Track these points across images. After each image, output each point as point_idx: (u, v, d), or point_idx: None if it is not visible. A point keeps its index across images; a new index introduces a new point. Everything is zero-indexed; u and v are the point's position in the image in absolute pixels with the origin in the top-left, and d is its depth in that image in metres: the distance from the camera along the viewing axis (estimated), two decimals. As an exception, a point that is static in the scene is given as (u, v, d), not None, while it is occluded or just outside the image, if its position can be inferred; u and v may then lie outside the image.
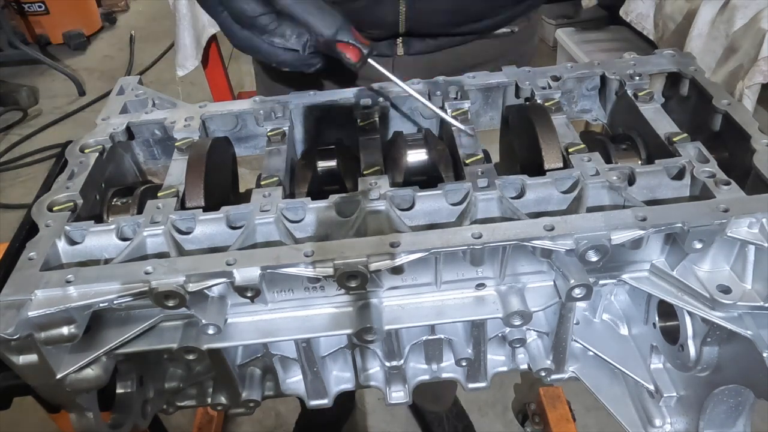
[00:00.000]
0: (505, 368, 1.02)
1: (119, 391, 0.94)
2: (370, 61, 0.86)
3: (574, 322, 0.91)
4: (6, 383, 0.81)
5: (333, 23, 0.85)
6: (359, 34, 0.86)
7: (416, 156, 0.96)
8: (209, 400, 1.01)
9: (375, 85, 1.05)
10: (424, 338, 0.94)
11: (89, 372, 0.80)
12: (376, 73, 0.91)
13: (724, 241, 0.75)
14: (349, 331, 0.82)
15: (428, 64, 1.20)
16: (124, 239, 0.81)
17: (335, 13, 0.86)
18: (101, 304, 0.72)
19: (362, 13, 1.12)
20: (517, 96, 1.05)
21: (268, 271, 0.72)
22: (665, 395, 0.92)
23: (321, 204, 0.82)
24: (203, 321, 0.77)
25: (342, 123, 1.07)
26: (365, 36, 0.89)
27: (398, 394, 1.01)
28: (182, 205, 0.86)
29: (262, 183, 0.88)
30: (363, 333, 0.81)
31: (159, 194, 0.86)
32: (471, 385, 1.01)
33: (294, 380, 1.00)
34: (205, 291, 0.76)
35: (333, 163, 0.97)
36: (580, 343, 0.94)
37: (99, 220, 0.86)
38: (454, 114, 0.98)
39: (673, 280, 0.80)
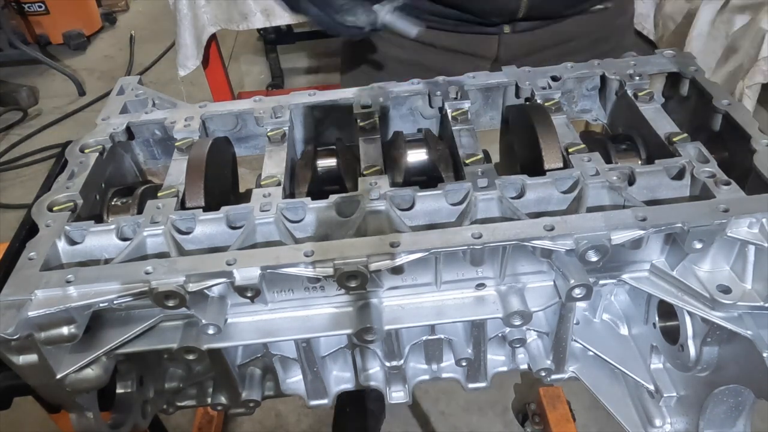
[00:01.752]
0: (505, 368, 1.02)
1: (119, 391, 0.94)
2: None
3: (574, 322, 0.91)
4: (6, 383, 0.81)
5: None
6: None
7: (416, 156, 0.96)
8: (209, 400, 1.01)
9: (375, 85, 1.05)
10: (424, 338, 0.94)
11: (89, 372, 0.80)
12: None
13: (724, 241, 0.75)
14: (349, 331, 0.82)
15: (531, 40, 1.28)
16: (124, 239, 0.81)
17: None
18: (101, 304, 0.72)
19: (483, 2, 1.20)
20: (517, 96, 1.05)
21: (268, 271, 0.72)
22: (665, 395, 0.92)
23: (321, 204, 0.82)
24: (203, 321, 0.77)
25: (342, 123, 1.07)
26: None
27: (398, 394, 1.01)
28: (182, 205, 0.86)
29: (262, 183, 0.88)
30: (363, 333, 0.81)
31: (159, 194, 0.86)
32: (471, 385, 1.01)
33: (294, 380, 1.00)
34: (205, 291, 0.76)
35: (333, 163, 0.97)
36: (580, 343, 0.94)
37: (99, 220, 0.86)
38: (454, 114, 0.98)
39: (673, 280, 0.80)
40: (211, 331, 0.78)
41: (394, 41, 1.30)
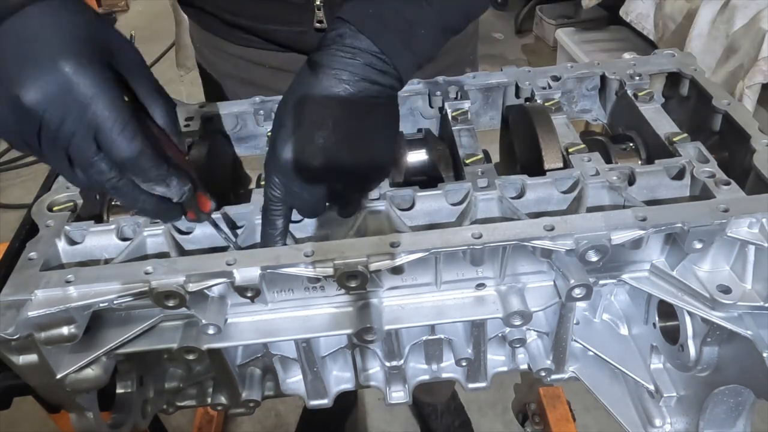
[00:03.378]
0: (505, 368, 1.02)
1: (119, 391, 0.94)
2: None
3: (574, 322, 0.91)
4: (6, 383, 0.81)
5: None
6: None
7: (416, 156, 0.96)
8: (209, 400, 1.01)
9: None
10: (424, 338, 0.93)
11: (89, 372, 0.80)
12: None
13: (724, 241, 0.75)
14: (349, 331, 0.82)
15: None
16: (124, 239, 0.81)
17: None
18: (101, 304, 0.72)
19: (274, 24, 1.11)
20: (517, 96, 1.05)
21: (268, 271, 0.72)
22: (665, 395, 0.92)
23: (321, 204, 0.82)
24: (203, 321, 0.77)
25: (342, 123, 1.07)
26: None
27: (398, 394, 1.01)
28: (182, 205, 0.86)
29: (262, 183, 0.87)
30: (363, 333, 0.81)
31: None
32: (471, 385, 1.01)
33: (294, 380, 1.00)
34: (205, 291, 0.76)
35: (333, 163, 0.97)
36: (580, 343, 0.94)
37: (99, 220, 0.86)
38: (454, 114, 0.98)
39: (673, 280, 0.80)
40: (211, 331, 0.78)
41: (228, 59, 1.24)
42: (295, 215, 0.80)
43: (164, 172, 0.69)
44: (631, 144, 0.95)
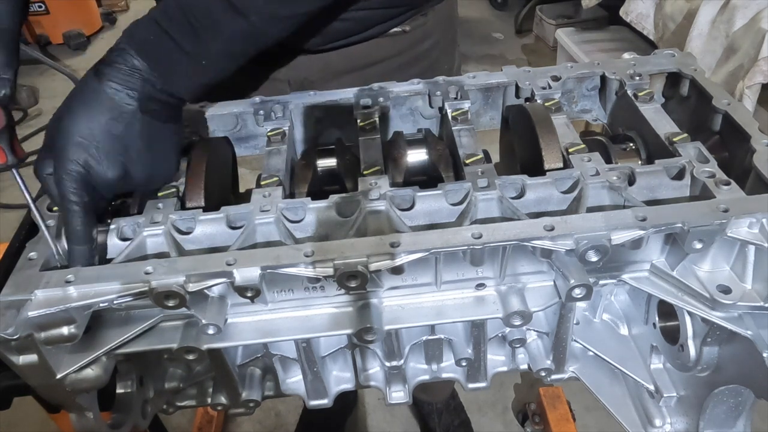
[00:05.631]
0: (505, 368, 1.02)
1: (119, 391, 0.94)
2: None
3: (574, 322, 0.91)
4: (6, 383, 0.81)
5: None
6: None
7: (416, 156, 0.96)
8: (209, 400, 1.01)
9: (375, 86, 1.05)
10: (424, 338, 0.93)
11: (89, 372, 0.80)
12: None
13: (724, 241, 0.75)
14: (349, 331, 0.82)
15: (323, 66, 1.19)
16: (124, 239, 0.81)
17: None
18: (101, 304, 0.72)
19: None
20: (517, 96, 1.05)
21: (268, 271, 0.72)
22: (665, 395, 0.92)
23: (321, 204, 0.82)
24: (203, 321, 0.77)
25: (342, 123, 1.07)
26: None
27: (398, 394, 1.01)
28: (182, 205, 0.86)
29: (262, 183, 0.88)
30: (363, 333, 0.81)
31: (159, 194, 0.86)
32: (471, 385, 1.01)
33: (294, 380, 1.00)
34: (205, 291, 0.76)
35: (333, 163, 0.97)
36: (580, 343, 0.94)
37: (99, 220, 0.86)
38: (454, 114, 0.98)
39: (673, 280, 0.80)
40: (211, 331, 0.78)
41: None
42: (295, 215, 0.81)
43: None
44: (631, 144, 0.95)
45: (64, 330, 0.73)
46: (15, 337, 0.69)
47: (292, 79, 1.21)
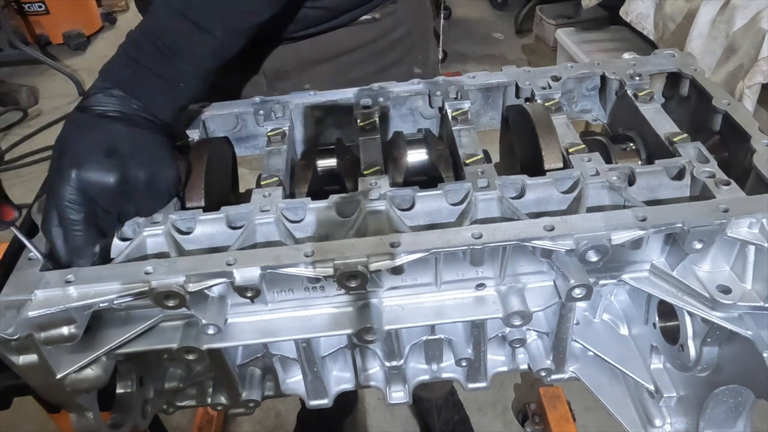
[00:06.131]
0: (505, 368, 1.02)
1: (119, 391, 0.94)
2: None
3: (574, 322, 0.91)
4: (6, 383, 0.81)
5: None
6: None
7: (416, 156, 0.96)
8: (209, 400, 1.01)
9: (375, 86, 1.05)
10: (424, 338, 0.93)
11: (89, 372, 0.80)
12: None
13: (724, 242, 0.75)
14: (349, 331, 0.82)
15: (296, 55, 1.20)
16: (124, 239, 0.81)
17: None
18: (101, 304, 0.72)
19: None
20: (517, 96, 1.05)
21: (268, 271, 0.72)
22: (665, 395, 0.92)
23: (321, 204, 0.82)
24: (203, 321, 0.77)
25: (342, 123, 1.07)
26: None
27: (398, 394, 1.01)
28: (182, 205, 0.86)
29: (262, 183, 0.88)
30: (363, 333, 0.81)
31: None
32: (471, 385, 1.01)
33: (294, 380, 1.00)
34: (205, 291, 0.76)
35: (333, 163, 0.97)
36: (580, 343, 0.94)
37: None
38: (454, 114, 0.98)
39: (673, 281, 0.80)
40: (211, 331, 0.78)
41: None
42: (295, 215, 0.81)
43: None
44: (631, 144, 0.95)
45: (64, 330, 0.73)
46: (15, 337, 0.69)
47: (267, 69, 1.22)
